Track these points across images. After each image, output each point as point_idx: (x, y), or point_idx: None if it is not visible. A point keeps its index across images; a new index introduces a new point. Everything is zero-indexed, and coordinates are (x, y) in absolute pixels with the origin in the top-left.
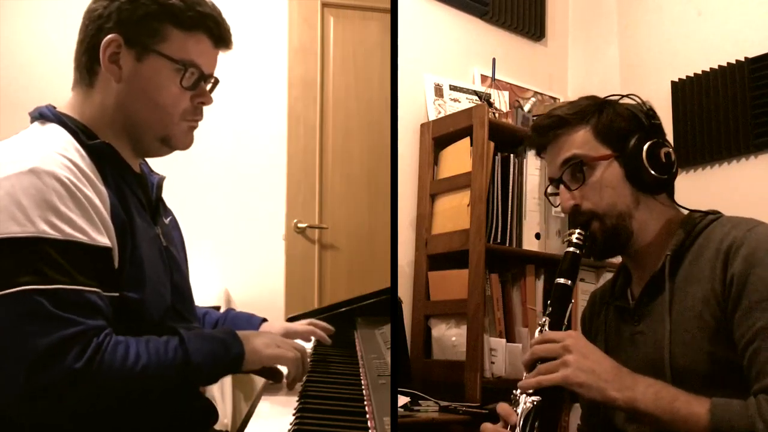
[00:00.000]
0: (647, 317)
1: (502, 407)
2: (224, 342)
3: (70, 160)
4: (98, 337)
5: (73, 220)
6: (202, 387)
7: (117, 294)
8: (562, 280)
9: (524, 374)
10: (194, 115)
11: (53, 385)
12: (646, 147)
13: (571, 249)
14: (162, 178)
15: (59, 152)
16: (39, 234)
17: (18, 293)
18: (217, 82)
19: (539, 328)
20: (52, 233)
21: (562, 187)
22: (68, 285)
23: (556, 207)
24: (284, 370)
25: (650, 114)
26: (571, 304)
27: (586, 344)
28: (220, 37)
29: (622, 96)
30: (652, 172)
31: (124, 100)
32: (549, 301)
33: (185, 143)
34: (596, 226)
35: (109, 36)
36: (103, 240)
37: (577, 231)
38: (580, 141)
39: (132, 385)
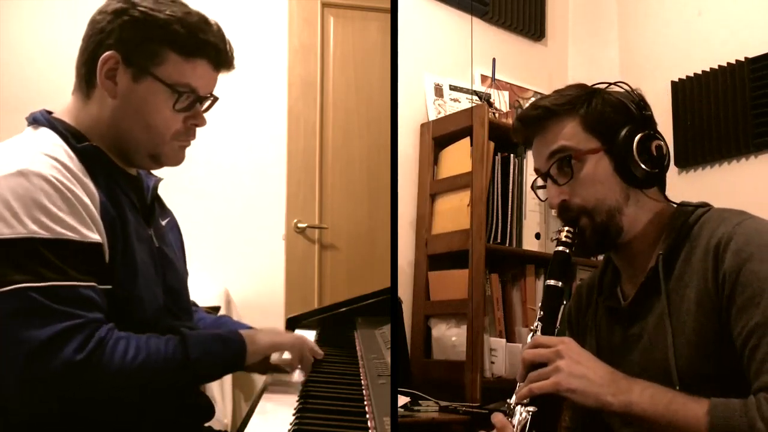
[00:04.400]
0: (642, 319)
1: (498, 418)
2: (224, 338)
3: (59, 161)
4: (100, 331)
5: (61, 218)
6: (202, 385)
7: (110, 287)
8: (552, 282)
9: (518, 385)
10: (186, 136)
11: (52, 375)
12: (636, 140)
13: (560, 248)
14: (158, 180)
15: (47, 153)
16: (29, 234)
17: (13, 291)
18: (215, 99)
19: (531, 333)
20: (42, 233)
21: (549, 181)
22: (62, 281)
23: (543, 201)
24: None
25: (641, 105)
26: (563, 306)
27: (579, 349)
28: (222, 62)
29: (610, 84)
30: (643, 166)
31: (118, 117)
32: (540, 305)
33: (175, 161)
34: (585, 223)
35: (108, 53)
36: (93, 236)
37: (566, 229)
38: (568, 133)
39: (130, 380)
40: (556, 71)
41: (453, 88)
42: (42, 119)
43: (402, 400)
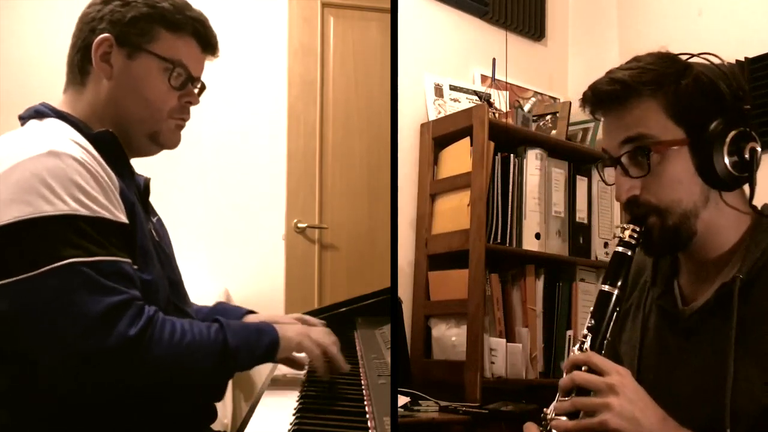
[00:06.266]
0: (701, 339)
1: (531, 430)
2: (260, 330)
3: (80, 145)
4: (148, 309)
5: (97, 198)
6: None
7: (136, 267)
8: (606, 288)
9: (558, 397)
10: (181, 113)
11: (107, 350)
12: (729, 138)
13: (621, 249)
14: (148, 180)
15: (69, 137)
16: (71, 211)
17: (64, 266)
18: (204, 87)
19: (579, 343)
20: (82, 210)
21: (619, 170)
22: (108, 257)
23: (609, 184)
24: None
25: (739, 95)
26: (616, 314)
27: (634, 386)
28: (208, 42)
29: (695, 55)
30: (732, 170)
31: (115, 97)
32: (591, 311)
33: (173, 141)
34: (654, 222)
35: (101, 35)
36: (123, 217)
37: (631, 227)
38: (649, 118)
39: (177, 361)
40: (556, 71)
41: (453, 88)
42: (47, 111)
43: (402, 400)
